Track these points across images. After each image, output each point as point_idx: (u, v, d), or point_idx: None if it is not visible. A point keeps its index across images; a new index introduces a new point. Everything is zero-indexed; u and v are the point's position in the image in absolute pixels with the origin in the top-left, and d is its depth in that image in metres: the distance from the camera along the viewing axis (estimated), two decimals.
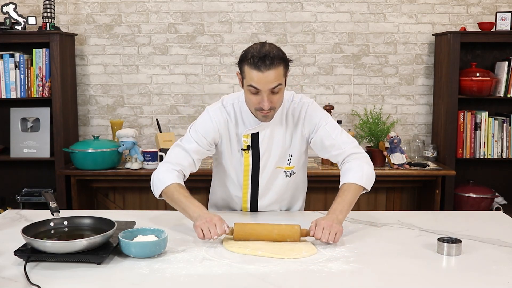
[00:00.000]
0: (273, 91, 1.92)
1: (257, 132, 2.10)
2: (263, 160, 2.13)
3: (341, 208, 1.91)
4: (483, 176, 3.81)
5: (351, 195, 1.97)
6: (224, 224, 1.82)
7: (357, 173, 2.01)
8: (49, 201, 1.89)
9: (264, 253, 1.71)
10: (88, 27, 3.81)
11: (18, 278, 1.53)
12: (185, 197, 1.95)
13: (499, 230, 2.01)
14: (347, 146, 2.09)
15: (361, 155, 2.08)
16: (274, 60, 1.88)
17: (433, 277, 1.56)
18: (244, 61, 1.91)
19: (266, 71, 1.87)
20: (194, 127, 2.14)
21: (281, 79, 1.92)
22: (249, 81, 1.91)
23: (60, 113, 3.49)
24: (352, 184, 2.00)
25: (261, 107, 1.94)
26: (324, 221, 1.81)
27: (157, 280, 1.53)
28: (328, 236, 1.77)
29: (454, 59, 3.48)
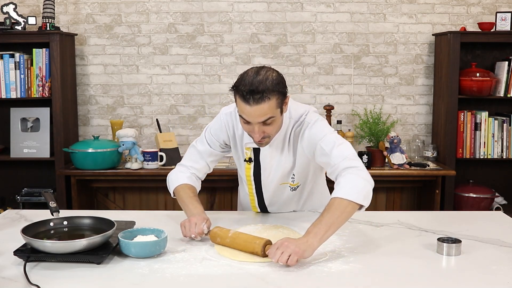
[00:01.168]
0: (265, 123, 1.84)
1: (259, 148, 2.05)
2: (264, 175, 2.10)
3: (316, 230, 1.67)
4: (483, 176, 3.81)
5: (331, 214, 1.71)
6: (203, 225, 1.84)
7: (345, 188, 1.77)
8: (49, 201, 1.89)
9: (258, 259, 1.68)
10: (88, 27, 3.81)
11: (18, 278, 1.53)
12: (188, 197, 2.03)
13: (499, 230, 2.01)
14: (340, 162, 1.86)
15: (354, 170, 1.83)
16: (264, 94, 1.77)
17: (433, 277, 1.56)
18: (236, 91, 1.84)
19: (255, 105, 1.78)
20: (208, 128, 2.16)
21: (273, 112, 1.82)
22: (240, 111, 1.86)
23: (60, 113, 3.49)
24: (336, 199, 1.75)
25: (253, 137, 1.90)
26: (281, 242, 1.63)
27: (157, 280, 1.53)
28: (280, 256, 1.59)
29: (454, 59, 3.48)
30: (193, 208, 1.97)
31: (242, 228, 1.97)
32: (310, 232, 1.68)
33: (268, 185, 2.12)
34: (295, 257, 1.59)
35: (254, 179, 2.12)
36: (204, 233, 1.85)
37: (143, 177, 3.45)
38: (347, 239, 1.88)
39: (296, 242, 1.62)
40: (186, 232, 1.85)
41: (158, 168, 3.43)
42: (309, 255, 1.64)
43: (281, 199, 2.18)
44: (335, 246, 1.81)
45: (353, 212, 1.76)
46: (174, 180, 2.12)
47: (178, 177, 2.12)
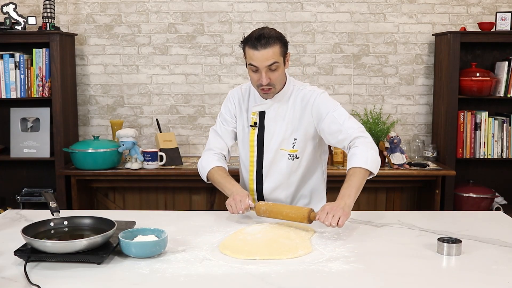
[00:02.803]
0: (271, 68, 2.07)
1: (264, 111, 2.23)
2: (267, 139, 2.24)
3: (349, 193, 1.95)
4: (483, 176, 3.81)
5: (357, 179, 2.00)
6: (248, 200, 2.04)
7: (362, 158, 2.03)
8: (49, 201, 1.89)
9: (261, 256, 1.69)
10: (88, 27, 3.81)
11: (18, 278, 1.53)
12: (223, 178, 2.20)
13: (499, 230, 2.01)
14: (353, 131, 2.12)
15: (366, 140, 2.10)
16: (270, 40, 2.04)
17: (433, 277, 1.56)
18: (245, 43, 2.10)
19: (262, 49, 2.04)
20: (221, 110, 2.37)
21: (277, 57, 2.07)
22: (249, 60, 2.09)
23: (60, 113, 3.49)
24: (357, 169, 2.02)
25: (260, 83, 2.09)
26: (329, 206, 1.88)
27: (157, 280, 1.53)
28: (331, 219, 1.83)
29: (454, 59, 3.48)
30: (231, 186, 2.15)
31: (248, 228, 1.96)
32: (344, 194, 1.95)
33: (269, 149, 2.24)
34: (344, 219, 1.84)
35: (257, 143, 2.26)
36: (250, 207, 2.04)
37: (143, 177, 3.45)
38: (347, 239, 1.88)
39: (339, 205, 1.88)
40: (234, 210, 2.04)
41: (158, 168, 3.43)
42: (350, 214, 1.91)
43: (277, 169, 2.25)
44: (335, 246, 1.81)
45: (367, 178, 2.05)
46: (205, 166, 2.27)
47: (208, 162, 2.27)
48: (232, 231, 1.95)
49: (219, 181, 2.21)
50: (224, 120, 2.33)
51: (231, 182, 2.18)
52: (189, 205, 3.69)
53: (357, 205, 3.69)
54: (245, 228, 1.95)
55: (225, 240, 1.83)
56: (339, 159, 3.52)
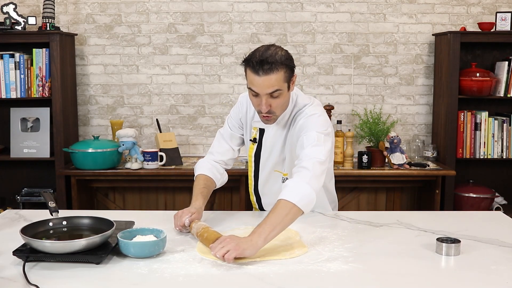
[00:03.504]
0: (272, 96, 1.92)
1: (264, 129, 2.16)
2: (263, 157, 2.19)
3: (261, 231, 1.70)
4: (483, 176, 3.81)
5: (278, 215, 1.74)
6: (185, 218, 1.92)
7: (293, 191, 1.79)
8: (48, 201, 1.89)
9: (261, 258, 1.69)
10: (88, 27, 3.81)
11: (17, 278, 1.53)
12: (197, 188, 2.14)
13: (499, 230, 2.01)
14: (306, 160, 1.88)
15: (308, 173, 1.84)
16: (273, 65, 1.86)
17: (432, 277, 1.56)
18: (246, 64, 1.92)
19: (263, 75, 1.87)
20: (229, 113, 2.30)
21: (280, 85, 1.90)
22: (249, 83, 1.93)
23: (60, 113, 3.49)
24: (282, 201, 1.78)
25: (260, 110, 1.97)
26: (224, 237, 1.70)
27: (156, 280, 1.53)
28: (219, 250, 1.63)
29: (454, 59, 3.48)
30: (192, 201, 2.08)
31: (238, 229, 1.97)
32: (255, 232, 1.71)
33: (264, 169, 2.20)
34: (233, 253, 1.62)
35: (255, 159, 2.22)
36: (186, 225, 1.93)
37: (143, 177, 3.45)
38: (346, 239, 1.88)
39: (238, 240, 1.67)
40: (174, 224, 1.97)
41: (158, 168, 3.44)
42: (251, 254, 1.66)
43: (272, 189, 2.19)
44: (334, 246, 1.81)
45: (297, 215, 1.79)
46: (197, 169, 2.23)
47: (200, 167, 2.23)
48: (232, 231, 1.95)
49: (193, 190, 2.15)
50: (232, 124, 2.27)
51: (197, 196, 2.09)
52: (189, 205, 3.68)
53: (357, 205, 3.71)
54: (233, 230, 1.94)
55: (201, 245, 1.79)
56: (339, 159, 3.52)
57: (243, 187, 3.38)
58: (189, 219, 1.92)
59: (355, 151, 3.62)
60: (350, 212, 2.27)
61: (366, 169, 3.43)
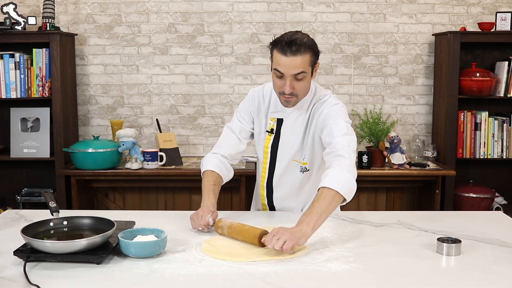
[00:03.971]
0: (297, 78, 1.97)
1: (282, 119, 2.17)
2: (282, 148, 2.19)
3: (308, 220, 1.75)
4: (483, 176, 3.81)
5: (322, 204, 1.79)
6: (208, 217, 1.93)
7: (334, 179, 1.84)
8: (48, 201, 1.89)
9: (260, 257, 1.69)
10: (88, 27, 3.81)
11: (18, 278, 1.53)
12: (206, 185, 2.13)
13: (499, 230, 2.01)
14: (340, 148, 1.94)
15: (345, 161, 1.90)
16: (301, 47, 1.93)
17: (433, 277, 1.56)
18: (274, 46, 1.98)
19: (291, 56, 1.93)
20: (238, 107, 2.30)
21: (305, 67, 1.96)
22: (275, 64, 1.98)
23: (60, 113, 3.49)
24: (325, 189, 1.83)
25: (283, 91, 2.00)
26: (277, 229, 1.72)
27: (156, 280, 1.53)
28: (275, 242, 1.66)
29: (454, 59, 3.48)
30: (205, 199, 2.07)
31: None
32: (303, 221, 1.75)
33: (282, 159, 2.19)
34: (290, 243, 1.66)
35: (271, 150, 2.20)
36: (210, 224, 1.93)
37: (143, 177, 3.45)
38: (347, 239, 1.88)
39: (290, 230, 1.71)
40: (194, 225, 1.95)
41: (158, 168, 3.44)
42: (303, 243, 1.72)
43: (288, 180, 2.21)
44: (335, 245, 1.81)
45: (339, 203, 1.85)
46: (204, 164, 2.22)
47: (208, 162, 2.21)
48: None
49: (202, 188, 2.14)
50: (241, 117, 2.25)
51: (209, 194, 2.09)
52: (189, 205, 3.69)
53: (357, 205, 3.71)
54: None
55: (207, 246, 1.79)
56: None
57: (243, 187, 3.38)
58: (212, 218, 1.94)
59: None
60: (350, 212, 2.27)
61: (366, 169, 3.43)
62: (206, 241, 1.83)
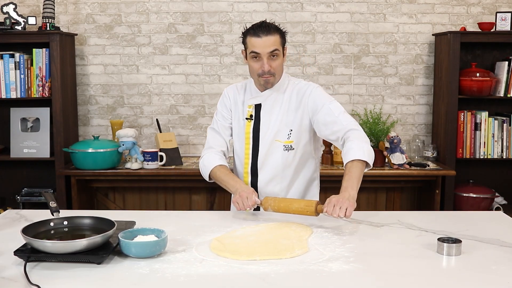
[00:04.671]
0: (272, 55, 2.15)
1: (260, 104, 2.28)
2: (263, 130, 2.27)
3: (351, 184, 1.99)
4: (483, 176, 3.81)
5: (356, 171, 2.04)
6: (254, 196, 2.07)
7: (359, 151, 2.07)
8: (49, 201, 1.89)
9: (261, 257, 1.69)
10: (88, 27, 3.81)
11: (18, 278, 1.53)
12: (226, 175, 2.23)
13: (499, 230, 2.01)
14: (348, 123, 2.18)
15: (359, 133, 2.15)
16: (271, 29, 2.15)
17: (433, 277, 1.56)
18: (246, 34, 2.19)
19: (264, 36, 2.13)
20: (216, 108, 2.41)
21: (278, 46, 2.16)
22: (251, 47, 2.16)
23: (60, 113, 3.49)
24: (354, 161, 2.06)
25: (262, 70, 2.16)
26: (335, 198, 1.92)
27: (157, 280, 1.53)
28: (339, 211, 1.87)
29: (454, 59, 3.48)
30: (234, 183, 2.18)
31: (244, 229, 1.97)
32: (347, 186, 1.98)
33: (264, 141, 2.28)
34: (351, 209, 1.89)
35: (253, 135, 2.29)
36: (257, 203, 2.07)
37: (143, 177, 3.45)
38: (347, 239, 1.88)
39: (343, 196, 1.92)
40: (241, 207, 2.07)
41: (158, 168, 3.43)
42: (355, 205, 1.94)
43: (272, 161, 2.28)
44: (335, 246, 1.81)
45: (364, 170, 2.10)
46: (207, 165, 2.29)
47: (210, 160, 2.29)
48: (231, 231, 1.95)
49: (222, 179, 2.23)
50: (221, 116, 2.37)
51: (235, 179, 2.21)
52: (189, 205, 3.69)
53: (357, 205, 3.69)
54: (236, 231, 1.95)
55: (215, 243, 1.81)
56: (339, 159, 3.52)
57: None
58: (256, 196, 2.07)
59: None
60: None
61: None
62: (216, 239, 1.84)
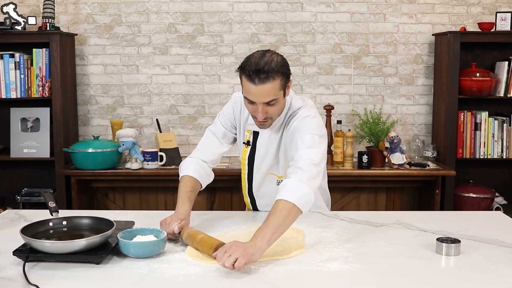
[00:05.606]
0: (269, 104, 1.90)
1: (258, 132, 2.13)
2: (258, 161, 2.16)
3: (263, 234, 1.65)
4: (483, 176, 3.81)
5: (278, 217, 1.70)
6: (174, 225, 1.84)
7: (291, 191, 1.76)
8: (48, 201, 1.89)
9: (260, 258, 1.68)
10: (88, 27, 3.81)
11: (17, 278, 1.53)
12: (182, 192, 2.04)
13: (499, 230, 2.01)
14: (302, 161, 1.86)
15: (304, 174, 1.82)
16: (269, 74, 1.84)
17: (432, 277, 1.56)
18: (242, 71, 1.90)
19: (260, 85, 1.84)
20: (221, 111, 2.25)
21: (276, 93, 1.88)
22: (245, 92, 1.91)
23: (60, 113, 3.49)
24: (282, 202, 1.74)
25: (256, 116, 1.95)
26: (230, 244, 1.62)
27: (155, 280, 1.53)
28: (226, 259, 1.56)
29: (454, 59, 3.48)
30: (179, 206, 1.98)
31: (236, 230, 1.98)
32: (257, 235, 1.65)
33: (258, 172, 2.18)
34: (242, 260, 1.55)
35: (248, 163, 2.18)
36: (176, 233, 1.84)
37: (143, 177, 3.45)
38: (346, 239, 1.88)
39: (244, 246, 1.61)
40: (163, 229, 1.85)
41: (158, 168, 3.43)
42: (257, 259, 1.62)
43: (268, 192, 2.18)
44: (334, 246, 1.81)
45: (297, 215, 1.75)
46: (182, 169, 2.14)
47: (186, 166, 2.13)
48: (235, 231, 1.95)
49: (178, 193, 2.05)
50: (225, 123, 2.21)
51: (184, 201, 2.00)
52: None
53: (357, 205, 3.71)
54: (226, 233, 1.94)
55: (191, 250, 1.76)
56: (339, 159, 3.52)
57: None
58: (178, 226, 1.84)
59: (355, 151, 3.62)
60: (350, 212, 2.27)
61: (366, 169, 3.43)
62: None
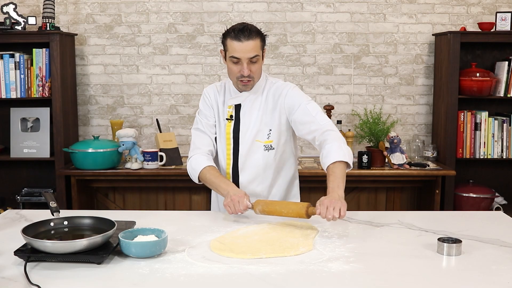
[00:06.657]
0: (252, 61, 2.16)
1: (240, 104, 2.29)
2: (243, 131, 2.29)
3: (338, 184, 1.99)
4: (483, 176, 3.81)
5: (340, 172, 2.04)
6: (246, 200, 2.05)
7: (339, 153, 2.08)
8: (49, 201, 1.89)
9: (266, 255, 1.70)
10: (88, 27, 3.81)
11: (18, 278, 1.53)
12: (216, 177, 2.19)
13: (499, 230, 2.01)
14: (325, 124, 2.19)
15: (336, 134, 2.16)
16: (252, 33, 2.14)
17: (433, 277, 1.56)
18: (227, 36, 2.16)
19: (245, 41, 2.12)
20: (199, 108, 2.39)
21: (258, 51, 2.16)
22: (231, 52, 2.15)
23: (60, 113, 3.49)
24: (336, 163, 2.07)
25: (241, 74, 2.17)
26: (327, 200, 1.90)
27: (157, 280, 1.53)
28: (333, 212, 1.86)
29: (454, 59, 3.48)
30: (226, 186, 2.13)
31: (246, 228, 1.98)
32: (334, 187, 1.98)
33: (244, 141, 2.29)
34: (344, 209, 1.88)
35: (233, 136, 2.30)
36: (249, 207, 2.05)
37: (143, 177, 3.45)
38: (347, 239, 1.88)
39: (335, 197, 1.91)
40: (233, 211, 2.05)
41: (158, 168, 3.43)
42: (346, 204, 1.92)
43: (253, 161, 2.29)
44: (335, 246, 1.81)
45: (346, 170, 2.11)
46: (195, 167, 2.25)
47: (198, 162, 2.25)
48: (231, 231, 1.96)
49: (212, 181, 2.19)
50: (204, 116, 2.34)
51: (226, 181, 2.17)
52: (189, 205, 3.69)
53: (357, 205, 3.71)
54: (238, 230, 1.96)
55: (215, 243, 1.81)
56: None
57: None
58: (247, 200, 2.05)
59: (355, 151, 3.61)
60: (351, 212, 2.27)
61: (366, 169, 3.43)
62: (216, 239, 1.84)
